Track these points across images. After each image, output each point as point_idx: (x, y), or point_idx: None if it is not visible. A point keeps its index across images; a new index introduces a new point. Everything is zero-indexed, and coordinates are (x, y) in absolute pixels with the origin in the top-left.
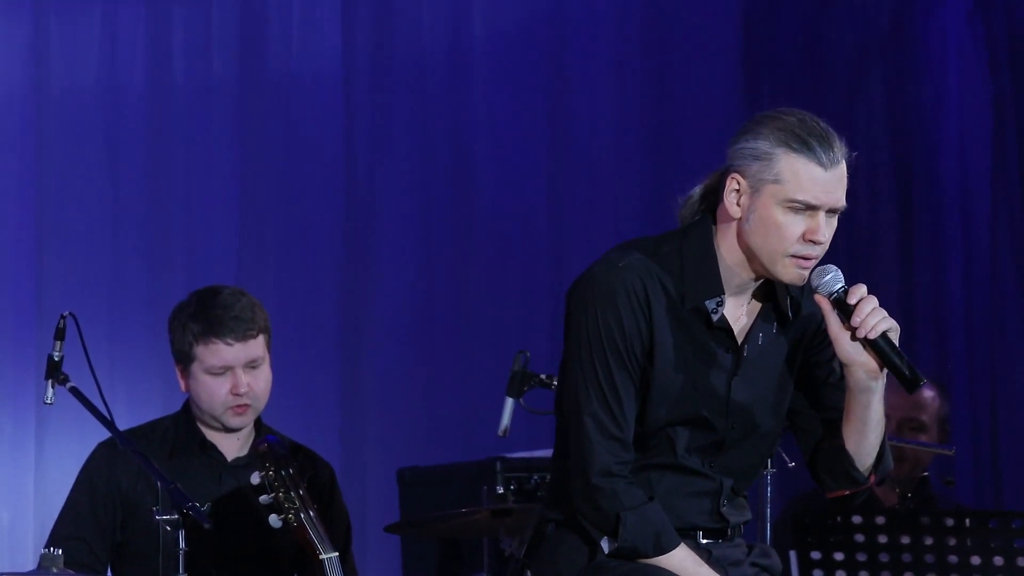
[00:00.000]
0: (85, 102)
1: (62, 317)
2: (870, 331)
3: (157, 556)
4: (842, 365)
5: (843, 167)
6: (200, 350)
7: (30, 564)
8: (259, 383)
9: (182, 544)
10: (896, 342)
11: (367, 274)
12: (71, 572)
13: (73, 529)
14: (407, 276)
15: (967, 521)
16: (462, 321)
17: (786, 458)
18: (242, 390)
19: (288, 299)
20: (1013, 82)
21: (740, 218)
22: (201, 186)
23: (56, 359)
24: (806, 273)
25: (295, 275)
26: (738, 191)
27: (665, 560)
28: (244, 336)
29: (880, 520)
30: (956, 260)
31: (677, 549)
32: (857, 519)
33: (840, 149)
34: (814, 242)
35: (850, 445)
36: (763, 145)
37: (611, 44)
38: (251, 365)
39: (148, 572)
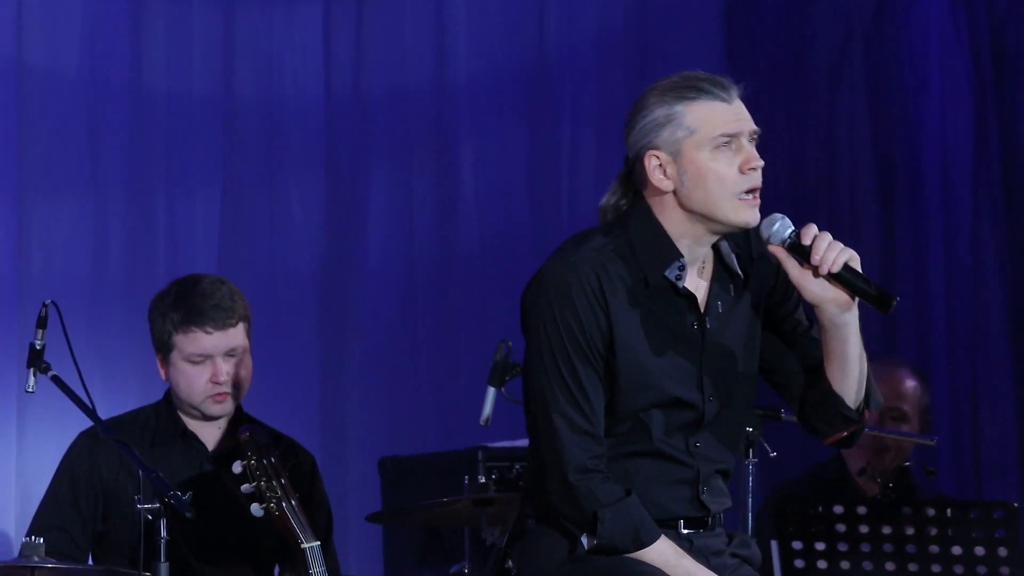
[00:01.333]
0: (67, 88)
1: (44, 306)
2: (832, 265)
3: (138, 545)
4: (811, 313)
5: (739, 99)
6: (179, 339)
7: (12, 553)
8: (239, 371)
9: (163, 533)
10: (859, 269)
11: (348, 263)
12: (52, 561)
13: (54, 518)
14: (389, 265)
15: (948, 511)
16: (444, 310)
17: (768, 448)
18: (221, 379)
19: (269, 288)
20: (995, 74)
21: (674, 189)
22: (183, 174)
23: (38, 348)
24: (757, 210)
25: (276, 264)
26: (661, 165)
27: (646, 553)
28: (223, 325)
29: (862, 510)
30: (937, 251)
31: (657, 542)
32: (839, 509)
33: (729, 83)
34: (753, 168)
35: (836, 385)
36: (661, 111)
37: (593, 34)
38: (230, 353)
39: (129, 561)
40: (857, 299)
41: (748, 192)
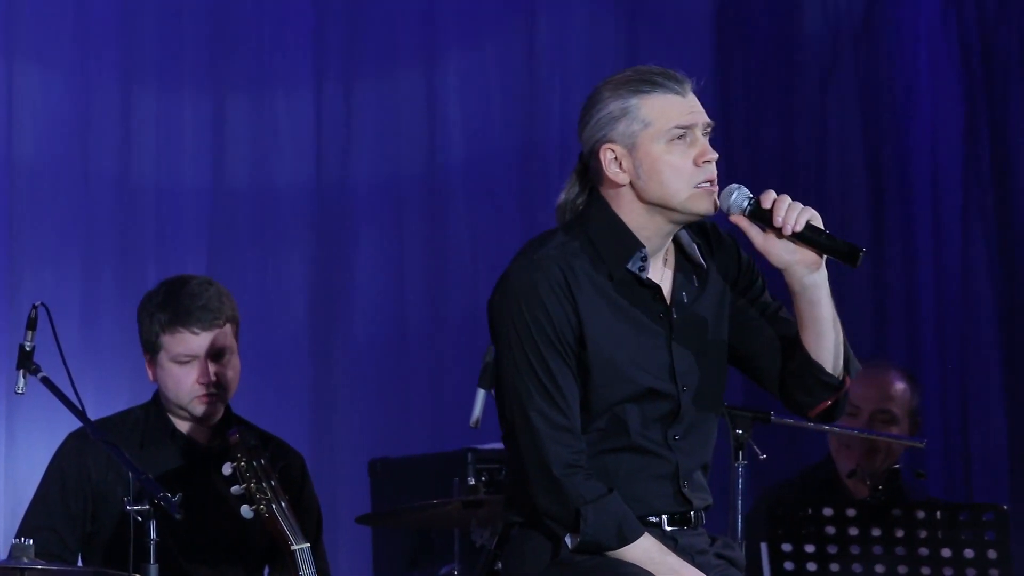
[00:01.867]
0: (57, 88)
1: (34, 307)
2: (795, 224)
3: (128, 547)
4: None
5: (692, 92)
6: (167, 339)
7: (1, 554)
8: (226, 372)
9: (153, 534)
10: (821, 226)
11: (339, 264)
12: (42, 562)
13: (44, 519)
14: (379, 266)
15: (938, 514)
16: (434, 311)
17: (757, 450)
18: (208, 379)
19: (259, 289)
20: (984, 75)
21: (630, 182)
22: (173, 175)
23: (28, 349)
24: (714, 199)
25: (266, 265)
26: (616, 159)
27: (630, 550)
28: (210, 325)
29: (851, 512)
30: (927, 252)
31: (641, 538)
32: (828, 511)
33: (683, 76)
34: (707, 161)
35: (814, 352)
36: (616, 105)
37: (583, 38)
38: (218, 354)
39: (119, 563)
40: (825, 257)
41: (703, 182)
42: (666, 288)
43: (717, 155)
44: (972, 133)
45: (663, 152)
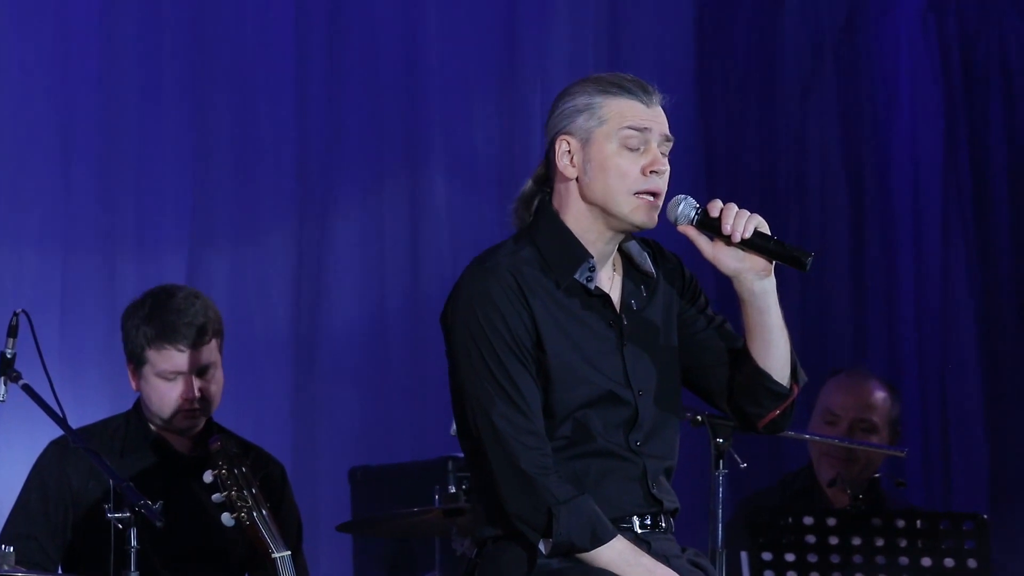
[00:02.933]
0: (37, 93)
1: (14, 315)
2: (743, 231)
3: (109, 554)
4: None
5: (660, 108)
6: (152, 354)
7: None
8: (210, 387)
9: (134, 542)
10: (767, 232)
11: (319, 272)
12: (22, 570)
13: (24, 528)
14: (360, 274)
15: (918, 522)
16: (414, 320)
17: (738, 459)
18: (193, 395)
19: (240, 297)
20: (964, 85)
21: (577, 176)
22: (153, 181)
23: (8, 356)
24: (655, 214)
25: (247, 273)
26: (569, 151)
27: (604, 552)
28: (197, 343)
29: (831, 521)
30: (907, 261)
31: (615, 540)
32: (809, 520)
33: (654, 89)
34: (656, 172)
35: (762, 361)
36: (581, 100)
37: (564, 46)
38: (203, 370)
39: (100, 571)
40: (774, 263)
41: (646, 193)
42: (615, 296)
43: (668, 168)
44: (952, 143)
45: (613, 153)
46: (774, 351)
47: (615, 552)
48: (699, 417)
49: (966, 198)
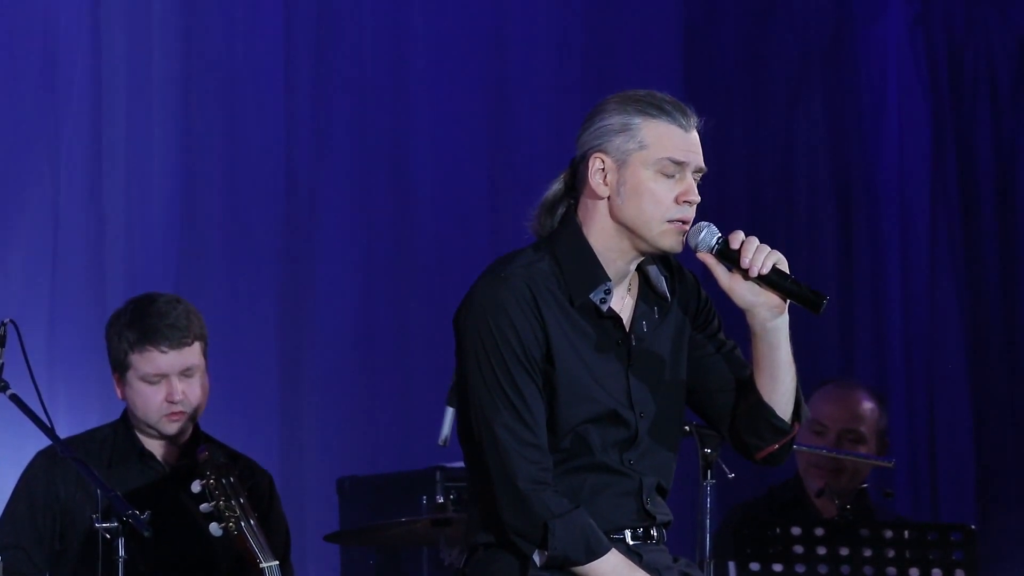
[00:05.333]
0: (24, 100)
1: (2, 324)
2: (761, 267)
3: (96, 564)
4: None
5: (696, 132)
6: (135, 358)
7: None
8: (194, 390)
9: (122, 552)
10: (786, 271)
11: (306, 281)
12: None
13: (12, 538)
14: (347, 283)
15: (906, 533)
16: (402, 329)
17: (726, 469)
18: (176, 398)
19: (227, 306)
20: (952, 95)
21: (609, 196)
22: (141, 191)
23: None
24: (683, 239)
25: (235, 282)
26: (603, 170)
27: (598, 565)
28: (179, 344)
29: (819, 531)
30: (895, 271)
31: (609, 554)
32: (796, 531)
33: (691, 112)
34: (688, 202)
35: (767, 395)
36: (620, 119)
37: (552, 52)
38: (186, 373)
39: None
40: (788, 302)
41: (678, 221)
42: (626, 317)
43: (699, 199)
44: (939, 153)
45: (649, 179)
46: (780, 387)
47: (609, 566)
48: (687, 428)
49: (953, 208)
